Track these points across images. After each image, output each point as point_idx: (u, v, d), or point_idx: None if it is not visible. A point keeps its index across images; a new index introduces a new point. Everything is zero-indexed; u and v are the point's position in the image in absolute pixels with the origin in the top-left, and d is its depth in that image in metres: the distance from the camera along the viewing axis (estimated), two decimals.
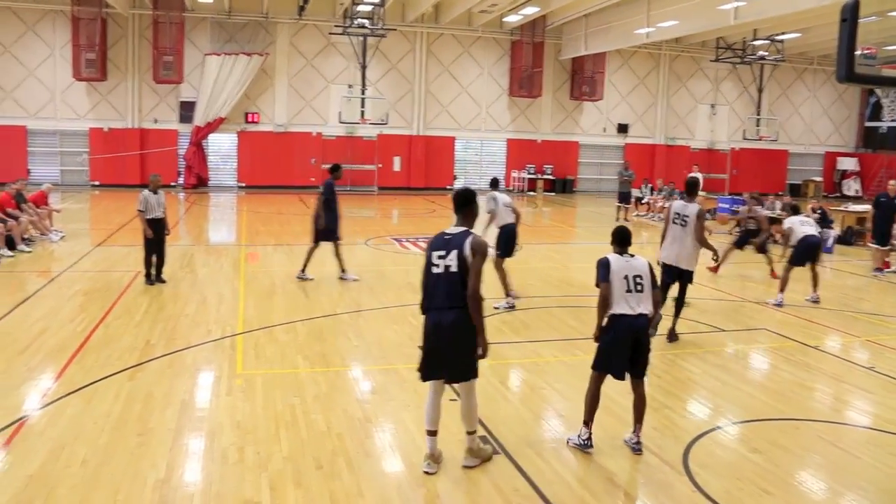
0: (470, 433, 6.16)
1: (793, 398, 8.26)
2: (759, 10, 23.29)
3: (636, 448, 6.56)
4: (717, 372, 9.09)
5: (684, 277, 10.10)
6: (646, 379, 6.69)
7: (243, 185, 32.60)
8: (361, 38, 29.90)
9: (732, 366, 9.50)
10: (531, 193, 35.49)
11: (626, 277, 6.47)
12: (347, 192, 33.26)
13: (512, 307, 11.72)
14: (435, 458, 6.13)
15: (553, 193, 35.74)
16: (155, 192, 12.97)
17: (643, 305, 6.48)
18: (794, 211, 14.26)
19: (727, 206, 26.16)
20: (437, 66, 34.41)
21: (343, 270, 13.80)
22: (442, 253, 5.86)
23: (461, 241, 5.83)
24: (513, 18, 32.20)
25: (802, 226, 12.93)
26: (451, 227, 6.01)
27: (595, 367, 6.61)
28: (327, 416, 7.17)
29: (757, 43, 33.28)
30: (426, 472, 6.06)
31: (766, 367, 9.61)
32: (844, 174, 40.89)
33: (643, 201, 27.90)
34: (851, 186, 39.97)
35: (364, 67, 30.37)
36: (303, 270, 13.66)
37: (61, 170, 30.87)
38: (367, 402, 7.68)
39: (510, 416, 7.37)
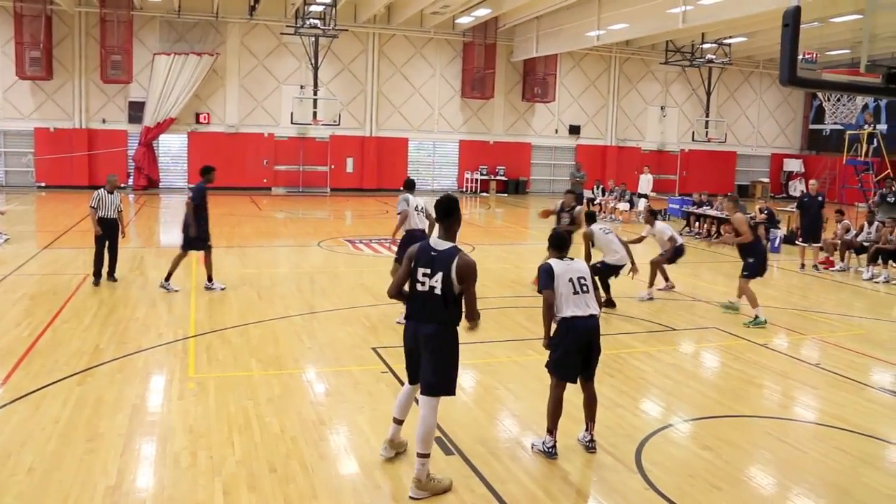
0: (422, 455, 5.69)
1: (742, 395, 8.43)
2: (707, 14, 23.71)
3: (590, 447, 6.63)
4: (668, 370, 9.23)
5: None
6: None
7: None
8: (313, 39, 29.75)
9: (684, 364, 9.65)
10: (484, 194, 35.68)
11: (570, 280, 6.49)
12: (300, 193, 33.11)
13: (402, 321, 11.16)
14: (393, 444, 6.26)
15: (506, 194, 35.94)
16: (111, 193, 12.93)
17: (592, 305, 6.53)
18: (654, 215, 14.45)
19: (677, 206, 26.61)
20: (389, 67, 34.37)
21: (210, 279, 12.87)
22: (427, 271, 5.64)
23: (448, 263, 5.59)
24: (465, 20, 32.31)
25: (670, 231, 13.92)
26: (437, 240, 5.75)
27: (552, 374, 6.61)
28: (281, 419, 7.12)
29: (705, 46, 33.87)
30: (382, 456, 6.22)
31: (717, 365, 9.79)
32: (790, 175, 41.82)
33: (595, 202, 28.20)
34: (797, 187, 40.86)
35: (316, 68, 30.22)
36: (167, 279, 12.65)
37: (5, 171, 30.23)
38: (320, 404, 7.65)
39: (464, 417, 7.40)
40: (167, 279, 12.60)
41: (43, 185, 30.20)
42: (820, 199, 17.21)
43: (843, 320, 12.50)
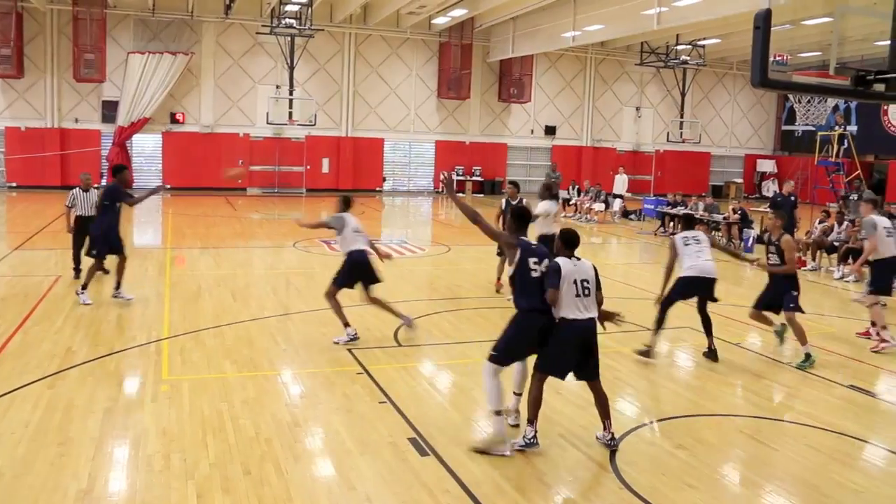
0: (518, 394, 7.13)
1: (716, 394, 8.49)
2: (681, 16, 23.89)
3: (611, 444, 6.71)
4: (642, 370, 9.28)
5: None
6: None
7: (168, 186, 31.91)
8: (289, 39, 29.66)
9: (658, 363, 9.71)
10: (460, 195, 35.69)
11: (575, 282, 6.56)
12: (276, 193, 32.95)
13: (354, 338, 9.84)
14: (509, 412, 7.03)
15: (482, 195, 35.99)
16: (86, 191, 13.01)
17: (591, 309, 6.63)
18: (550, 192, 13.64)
19: (652, 206, 26.77)
20: (365, 68, 34.31)
21: (118, 286, 11.83)
22: (536, 260, 6.63)
23: (547, 253, 6.75)
24: (441, 20, 32.33)
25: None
26: (527, 238, 6.79)
27: (539, 368, 6.68)
28: (256, 421, 7.08)
29: (679, 48, 34.15)
30: (511, 423, 6.94)
31: (690, 365, 9.86)
32: (763, 176, 42.24)
33: (570, 203, 28.33)
34: (770, 188, 41.27)
35: (292, 68, 30.11)
36: (117, 288, 11.81)
37: None
38: (295, 406, 7.62)
39: (439, 418, 7.40)
40: (117, 288, 11.80)
41: (14, 185, 29.85)
42: (793, 199, 17.43)
43: (815, 319, 12.59)
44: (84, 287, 11.58)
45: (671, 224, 23.21)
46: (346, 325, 9.85)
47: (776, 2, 5.53)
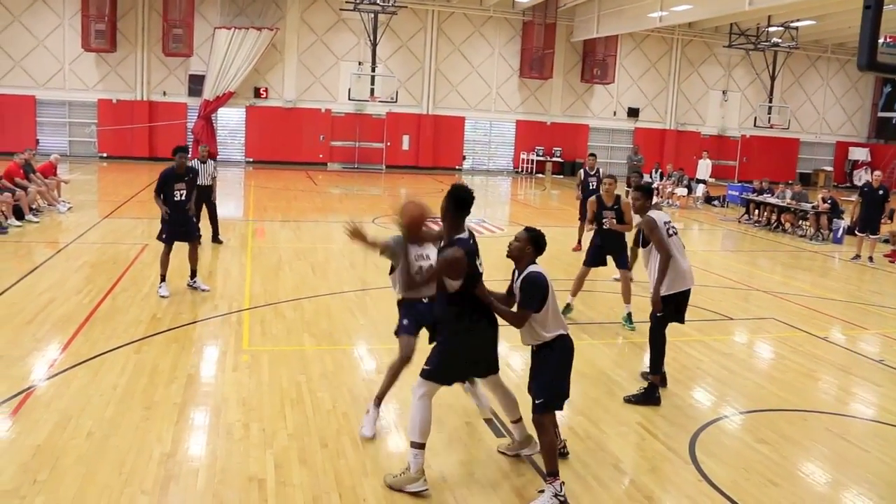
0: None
1: (800, 389, 8.22)
2: None
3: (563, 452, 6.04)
4: (724, 360, 9.04)
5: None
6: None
7: (251, 160, 32.54)
8: (372, 15, 29.71)
9: (740, 355, 9.46)
10: (539, 175, 35.41)
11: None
12: (356, 169, 33.23)
13: None
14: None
15: (561, 176, 35.61)
16: (204, 162, 14.11)
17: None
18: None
19: (737, 193, 26.09)
20: (447, 45, 34.20)
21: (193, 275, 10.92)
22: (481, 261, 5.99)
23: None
24: None
25: None
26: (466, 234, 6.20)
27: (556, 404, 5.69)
28: (333, 395, 7.16)
29: (771, 29, 32.98)
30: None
31: (774, 357, 9.57)
32: (856, 164, 40.64)
33: (653, 186, 27.80)
34: (862, 177, 39.69)
35: (374, 45, 30.19)
36: (192, 277, 10.90)
37: (69, 141, 30.85)
38: (372, 381, 7.65)
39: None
40: (192, 277, 10.94)
41: (105, 155, 30.81)
42: (882, 191, 16.78)
43: None
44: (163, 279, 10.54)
45: (756, 212, 22.54)
46: None
47: None
